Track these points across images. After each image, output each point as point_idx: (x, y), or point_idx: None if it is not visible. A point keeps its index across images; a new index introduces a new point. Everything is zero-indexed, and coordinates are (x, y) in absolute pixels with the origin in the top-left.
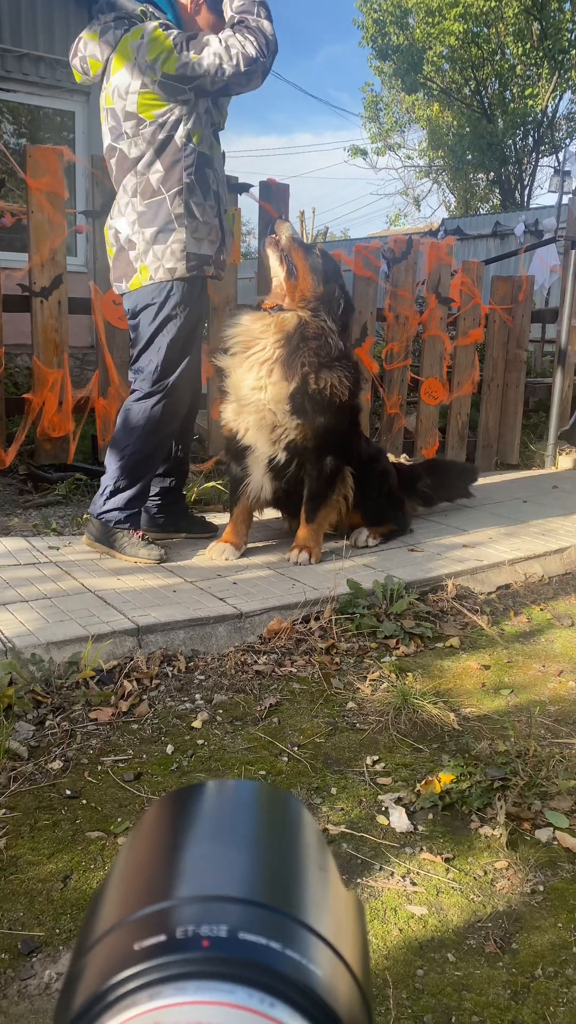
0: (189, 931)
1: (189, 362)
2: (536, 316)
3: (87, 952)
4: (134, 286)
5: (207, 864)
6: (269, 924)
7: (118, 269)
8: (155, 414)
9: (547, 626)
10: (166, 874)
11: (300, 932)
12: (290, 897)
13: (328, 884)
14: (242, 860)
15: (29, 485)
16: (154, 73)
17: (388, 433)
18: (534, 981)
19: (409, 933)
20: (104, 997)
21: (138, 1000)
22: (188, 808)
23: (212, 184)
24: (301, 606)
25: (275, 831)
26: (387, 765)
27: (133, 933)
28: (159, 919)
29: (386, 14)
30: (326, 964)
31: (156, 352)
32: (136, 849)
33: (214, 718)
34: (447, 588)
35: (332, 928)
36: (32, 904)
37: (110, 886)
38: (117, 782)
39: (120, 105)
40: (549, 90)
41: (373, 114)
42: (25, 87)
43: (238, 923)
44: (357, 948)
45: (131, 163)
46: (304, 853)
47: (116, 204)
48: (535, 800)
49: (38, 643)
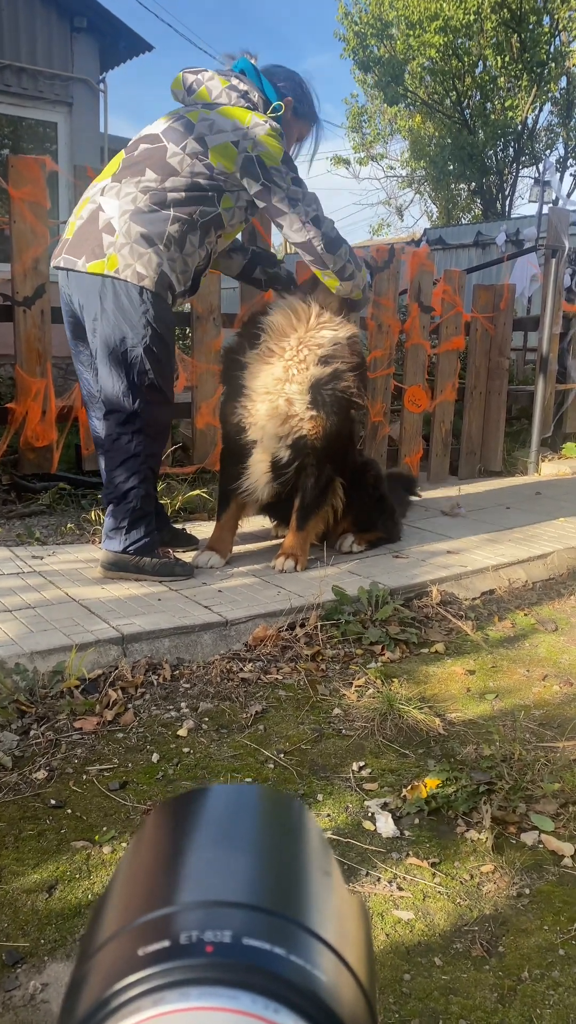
0: (193, 936)
1: (165, 378)
2: (518, 324)
3: (91, 958)
4: (94, 269)
5: (210, 869)
6: (273, 929)
7: (79, 246)
8: (138, 442)
9: (531, 631)
10: (169, 879)
11: (304, 937)
12: (294, 902)
13: (332, 888)
14: (245, 865)
15: (12, 495)
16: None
17: (372, 441)
18: (521, 984)
19: (396, 938)
20: (108, 1003)
21: (142, 1006)
22: (191, 813)
23: (210, 244)
24: (286, 613)
25: (278, 835)
26: (373, 771)
27: (136, 939)
28: (163, 924)
29: (367, 27)
30: (330, 969)
31: (129, 366)
32: (139, 854)
33: (200, 726)
34: (432, 594)
35: (336, 933)
36: (17, 915)
37: (113, 892)
38: (102, 791)
39: (201, 129)
40: (529, 102)
41: (356, 124)
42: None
43: (242, 928)
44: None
45: (162, 167)
46: (308, 857)
47: (114, 183)
48: (520, 804)
49: (22, 652)
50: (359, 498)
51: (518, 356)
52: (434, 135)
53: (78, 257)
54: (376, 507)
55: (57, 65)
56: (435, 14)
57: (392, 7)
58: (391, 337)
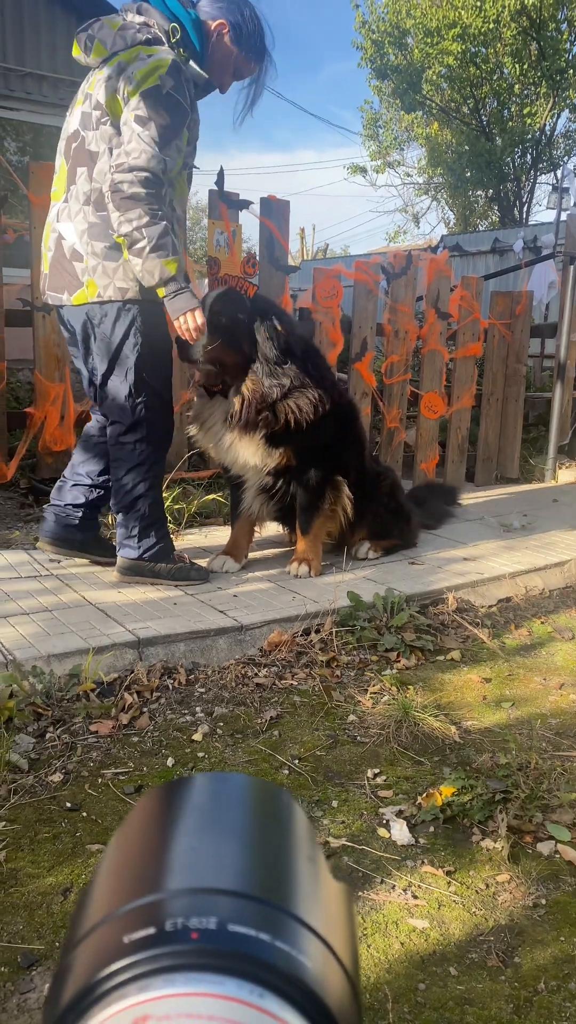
0: (178, 923)
1: (163, 383)
2: (535, 331)
3: (76, 946)
4: (78, 301)
5: (196, 856)
6: (258, 916)
7: (57, 279)
8: (142, 450)
9: (548, 639)
10: (155, 867)
11: (290, 924)
12: (279, 889)
13: (317, 876)
14: (231, 852)
15: (30, 499)
16: (130, 87)
17: (388, 447)
18: (537, 995)
19: (411, 947)
20: (94, 990)
21: (128, 993)
22: (177, 801)
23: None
24: (302, 619)
25: (264, 823)
26: (388, 778)
27: (122, 926)
28: (148, 912)
29: (384, 35)
30: (316, 955)
31: (125, 377)
32: (125, 842)
33: (214, 731)
34: (448, 601)
35: (322, 919)
36: (32, 917)
37: (99, 879)
38: (118, 795)
39: (98, 96)
40: (547, 108)
41: (372, 132)
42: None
43: (227, 915)
44: (346, 939)
45: (89, 160)
46: (293, 845)
47: (66, 205)
48: (537, 813)
49: (39, 655)
50: (374, 506)
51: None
52: (451, 142)
53: (61, 292)
54: (392, 514)
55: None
56: (453, 22)
57: (410, 15)
58: (408, 343)
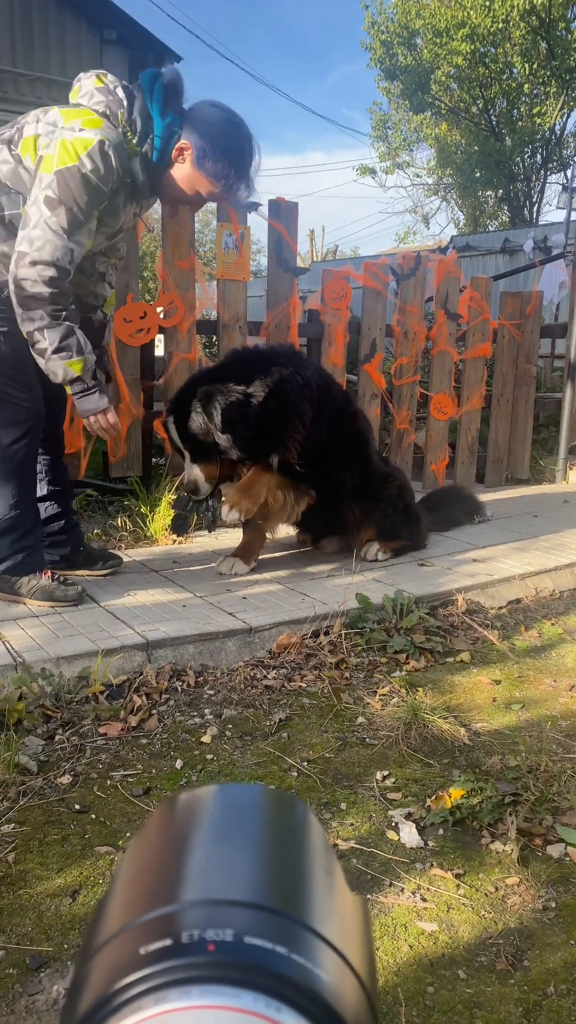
0: (195, 935)
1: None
2: (545, 331)
3: (92, 956)
4: None
5: (212, 868)
6: (275, 928)
7: None
8: None
9: (558, 641)
10: (171, 878)
11: (306, 936)
12: (296, 901)
13: (334, 888)
14: (247, 864)
15: None
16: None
17: (398, 448)
18: (546, 999)
19: (419, 950)
20: (109, 1001)
21: (143, 1004)
22: (193, 812)
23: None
24: (310, 620)
25: (281, 835)
26: (397, 780)
27: (138, 937)
28: (164, 923)
29: (393, 36)
30: (332, 968)
31: None
32: (141, 853)
33: (223, 733)
34: (457, 602)
35: (338, 932)
36: (41, 919)
37: (115, 890)
38: (126, 797)
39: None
40: (557, 108)
41: (382, 133)
42: None
43: (244, 927)
44: (363, 952)
45: None
46: (310, 857)
47: None
48: (547, 816)
49: (48, 657)
50: (383, 506)
51: (545, 363)
52: (461, 142)
53: None
54: (400, 516)
55: None
56: (462, 22)
57: (419, 16)
58: (417, 344)
